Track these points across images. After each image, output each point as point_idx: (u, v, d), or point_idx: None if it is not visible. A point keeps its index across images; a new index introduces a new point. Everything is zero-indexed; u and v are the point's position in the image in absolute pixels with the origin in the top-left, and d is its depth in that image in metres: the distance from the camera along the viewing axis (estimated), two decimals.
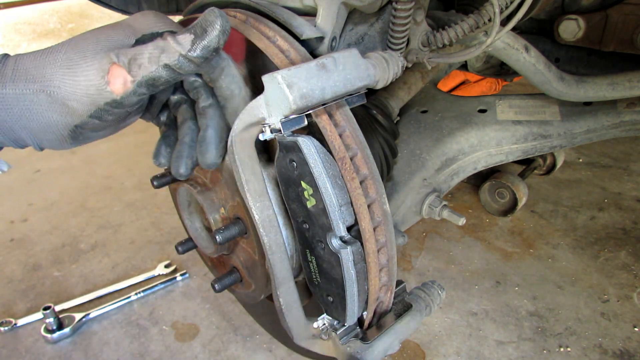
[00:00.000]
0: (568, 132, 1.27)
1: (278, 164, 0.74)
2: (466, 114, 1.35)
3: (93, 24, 3.89)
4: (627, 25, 1.17)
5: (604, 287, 1.59)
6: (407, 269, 1.73)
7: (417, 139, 1.32)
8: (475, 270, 1.70)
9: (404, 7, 0.84)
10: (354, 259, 0.73)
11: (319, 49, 0.87)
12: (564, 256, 1.74)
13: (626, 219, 1.91)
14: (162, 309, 1.61)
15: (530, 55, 1.07)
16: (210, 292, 1.66)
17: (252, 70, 0.85)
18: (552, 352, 1.37)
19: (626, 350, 1.36)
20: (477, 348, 1.40)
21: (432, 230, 1.92)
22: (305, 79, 0.64)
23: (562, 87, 1.12)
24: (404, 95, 1.25)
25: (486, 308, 1.54)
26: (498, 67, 1.66)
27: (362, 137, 0.76)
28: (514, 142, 1.30)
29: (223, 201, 0.96)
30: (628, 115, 1.23)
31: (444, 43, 0.95)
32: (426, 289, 0.92)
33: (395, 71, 0.78)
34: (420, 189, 1.26)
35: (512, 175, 1.80)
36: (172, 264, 1.79)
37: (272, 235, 0.80)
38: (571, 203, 2.04)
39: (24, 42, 3.63)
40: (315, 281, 0.82)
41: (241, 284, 1.06)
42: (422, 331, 1.46)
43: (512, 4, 0.85)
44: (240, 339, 1.47)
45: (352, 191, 0.72)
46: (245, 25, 0.84)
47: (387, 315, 0.86)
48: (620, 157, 2.35)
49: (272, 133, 0.69)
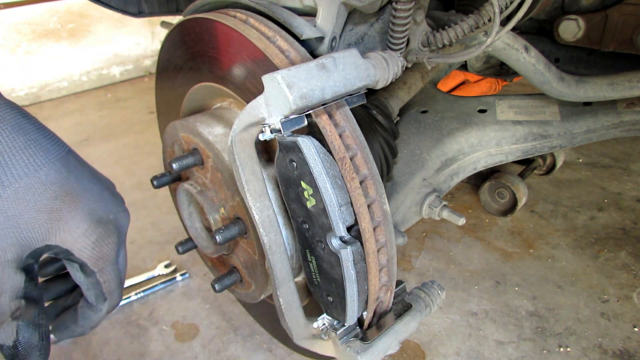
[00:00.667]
0: (568, 132, 1.27)
1: (278, 164, 0.74)
2: (466, 114, 1.35)
3: (93, 23, 3.89)
4: (627, 25, 1.17)
5: (604, 287, 1.59)
6: (407, 269, 1.73)
7: (417, 139, 1.32)
8: (475, 270, 1.70)
9: (404, 7, 0.84)
10: (354, 259, 0.73)
11: (319, 49, 0.87)
12: (564, 256, 1.74)
13: (626, 219, 1.91)
14: (162, 309, 1.61)
15: (530, 55, 1.07)
16: (210, 292, 1.66)
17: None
18: (552, 352, 1.37)
19: (626, 350, 1.36)
20: (477, 348, 1.40)
21: (432, 230, 1.92)
22: (305, 79, 0.64)
23: (562, 87, 1.12)
24: (404, 95, 1.25)
25: (486, 308, 1.54)
26: (498, 67, 1.66)
27: (362, 137, 0.76)
28: (513, 142, 1.30)
29: (223, 201, 0.96)
30: (628, 115, 1.23)
31: (443, 43, 0.95)
32: (426, 289, 0.92)
33: (395, 71, 0.78)
34: (420, 189, 1.26)
35: (512, 175, 1.80)
36: (172, 264, 1.79)
37: (272, 235, 0.80)
38: (571, 203, 2.04)
39: (23, 42, 3.63)
40: (315, 281, 0.82)
41: (241, 284, 1.06)
42: (422, 331, 1.46)
43: (512, 4, 0.85)
44: (240, 339, 1.47)
45: (352, 191, 0.72)
46: (245, 25, 0.84)
47: (387, 315, 0.86)
48: (620, 157, 2.35)
49: (272, 133, 0.69)
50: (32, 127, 0.58)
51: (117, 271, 0.66)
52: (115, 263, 0.65)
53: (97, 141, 2.99)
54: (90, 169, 0.64)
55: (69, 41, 3.84)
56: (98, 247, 0.61)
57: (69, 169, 0.60)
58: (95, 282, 0.64)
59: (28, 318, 0.60)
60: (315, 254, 0.78)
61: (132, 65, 4.20)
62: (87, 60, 3.95)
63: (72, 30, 3.83)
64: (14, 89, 3.68)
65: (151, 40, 4.25)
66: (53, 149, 0.59)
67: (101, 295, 0.65)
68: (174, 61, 1.07)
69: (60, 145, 0.61)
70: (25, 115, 0.59)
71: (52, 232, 0.58)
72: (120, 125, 3.21)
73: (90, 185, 0.62)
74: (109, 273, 0.64)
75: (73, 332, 0.69)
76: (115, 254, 0.64)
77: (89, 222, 0.60)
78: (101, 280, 0.64)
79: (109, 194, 0.64)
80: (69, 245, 0.59)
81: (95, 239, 0.61)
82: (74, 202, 0.59)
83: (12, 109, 0.58)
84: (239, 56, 0.86)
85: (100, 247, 0.62)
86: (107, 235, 0.62)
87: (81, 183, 0.60)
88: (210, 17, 0.90)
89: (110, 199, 0.64)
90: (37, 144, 0.57)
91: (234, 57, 0.88)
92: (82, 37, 3.89)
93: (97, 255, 0.61)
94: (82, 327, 0.68)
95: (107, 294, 0.65)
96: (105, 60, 4.05)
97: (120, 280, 0.67)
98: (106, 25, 3.96)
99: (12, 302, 0.58)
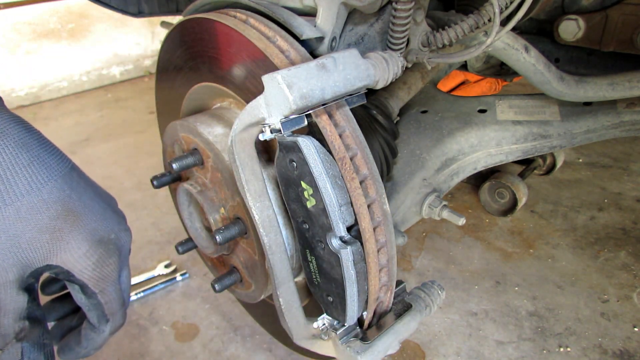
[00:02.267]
0: (568, 132, 1.27)
1: (278, 164, 0.74)
2: (466, 114, 1.35)
3: (93, 23, 3.89)
4: (627, 25, 1.17)
5: (604, 287, 1.59)
6: (407, 269, 1.73)
7: (417, 139, 1.32)
8: (475, 270, 1.70)
9: (404, 7, 0.84)
10: (354, 259, 0.73)
11: (319, 49, 0.87)
12: (564, 256, 1.74)
13: (626, 219, 1.91)
14: (162, 309, 1.61)
15: (530, 55, 1.07)
16: (210, 292, 1.66)
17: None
18: (552, 352, 1.37)
19: (626, 350, 1.36)
20: (477, 348, 1.40)
21: (432, 231, 1.92)
22: (305, 79, 0.64)
23: (562, 87, 1.12)
24: (404, 95, 1.25)
25: (486, 308, 1.54)
26: (498, 67, 1.66)
27: (362, 137, 0.76)
28: (513, 142, 1.30)
29: (223, 201, 0.96)
30: (628, 115, 1.23)
31: (443, 43, 0.95)
32: (426, 289, 0.92)
33: (395, 71, 0.78)
34: (420, 189, 1.26)
35: (512, 175, 1.80)
36: (172, 264, 1.79)
37: (272, 235, 0.80)
38: (571, 203, 2.04)
39: (23, 42, 3.63)
40: (315, 281, 0.82)
41: (241, 284, 1.06)
42: (422, 331, 1.46)
43: (512, 4, 0.85)
44: (240, 339, 1.47)
45: (352, 191, 0.72)
46: (245, 25, 0.84)
47: (387, 315, 0.86)
48: (620, 157, 2.35)
49: (272, 133, 0.69)
50: (35, 143, 0.57)
51: (119, 292, 0.64)
52: (117, 283, 0.64)
53: (97, 141, 2.99)
54: (92, 185, 0.63)
55: (69, 41, 3.84)
56: (99, 268, 0.60)
57: (71, 186, 0.59)
58: (96, 303, 0.62)
59: (33, 339, 0.59)
60: (315, 254, 0.78)
61: (132, 65, 4.20)
62: (87, 60, 3.95)
63: (72, 30, 3.83)
64: (14, 89, 3.68)
65: (151, 40, 4.25)
66: (56, 165, 0.58)
67: (103, 317, 0.64)
68: (174, 61, 1.07)
69: (63, 161, 0.60)
70: (29, 129, 0.58)
71: (54, 252, 0.57)
72: (120, 125, 3.21)
73: (92, 204, 0.61)
74: (110, 294, 0.63)
75: (77, 354, 0.68)
76: (116, 274, 0.63)
77: (90, 242, 0.59)
78: (103, 302, 0.62)
79: (110, 211, 0.63)
80: (69, 266, 0.58)
81: (96, 260, 0.60)
82: (75, 222, 0.58)
83: (17, 124, 0.57)
84: (239, 56, 0.86)
85: (102, 267, 0.61)
86: (109, 256, 0.61)
87: (83, 201, 0.59)
88: (210, 17, 0.90)
89: (112, 217, 0.63)
90: (40, 161, 0.56)
91: (234, 57, 0.88)
92: (82, 37, 3.89)
93: (98, 276, 0.60)
94: (86, 349, 0.67)
95: (110, 315, 0.64)
96: (105, 60, 4.05)
97: (123, 301, 0.66)
98: (106, 25, 3.96)
99: (16, 323, 0.57)
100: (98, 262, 0.60)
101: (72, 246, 0.58)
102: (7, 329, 0.57)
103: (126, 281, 0.66)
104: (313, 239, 0.76)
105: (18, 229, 0.54)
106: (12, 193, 0.54)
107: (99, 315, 0.63)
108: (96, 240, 0.60)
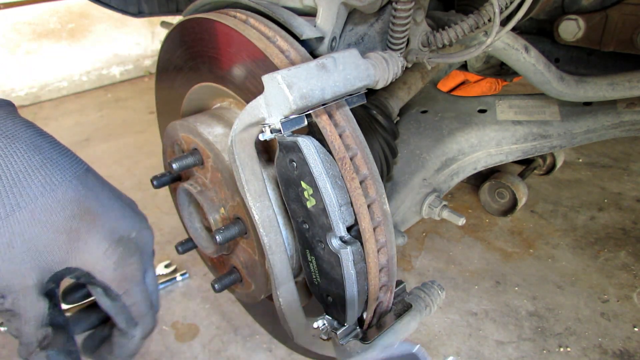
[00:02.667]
0: (568, 132, 1.27)
1: (278, 164, 0.74)
2: (466, 114, 1.35)
3: (93, 23, 3.89)
4: (627, 25, 1.17)
5: (604, 287, 1.59)
6: (407, 269, 1.73)
7: (417, 139, 1.32)
8: (475, 270, 1.70)
9: (404, 7, 0.84)
10: (354, 259, 0.73)
11: (319, 49, 0.87)
12: (564, 256, 1.74)
13: (626, 219, 1.91)
14: (162, 309, 1.61)
15: (530, 55, 1.07)
16: (210, 292, 1.66)
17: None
18: (552, 352, 1.37)
19: (626, 350, 1.36)
20: (477, 348, 1.40)
21: (432, 231, 1.92)
22: (305, 79, 0.64)
23: (562, 87, 1.12)
24: (404, 96, 1.25)
25: (486, 308, 1.54)
26: (498, 67, 1.66)
27: (362, 137, 0.76)
28: (513, 142, 1.30)
29: (223, 201, 0.96)
30: (628, 115, 1.23)
31: (443, 43, 0.95)
32: (426, 289, 0.92)
33: (395, 71, 0.78)
34: (420, 189, 1.26)
35: (512, 175, 1.80)
36: (172, 264, 1.79)
37: (272, 235, 0.80)
38: (571, 203, 2.04)
39: (23, 42, 3.63)
40: (315, 281, 0.82)
41: (241, 284, 1.06)
42: (422, 331, 1.46)
43: (512, 4, 0.85)
44: (240, 339, 1.47)
45: (352, 191, 0.72)
46: (245, 25, 0.84)
47: (387, 315, 0.86)
48: (620, 157, 2.35)
49: (272, 133, 0.69)
50: (48, 145, 0.56)
51: (145, 292, 0.61)
52: (142, 284, 0.61)
53: (97, 141, 2.99)
54: (110, 187, 0.61)
55: (69, 41, 3.84)
56: (121, 268, 0.58)
57: (87, 186, 0.57)
58: (122, 306, 0.59)
59: (58, 346, 0.56)
60: (315, 254, 0.78)
61: (132, 65, 4.20)
62: (87, 60, 3.95)
63: (72, 30, 3.83)
64: (14, 89, 3.68)
65: (151, 40, 4.25)
66: (70, 166, 0.57)
67: (131, 320, 0.61)
68: (174, 61, 1.07)
69: (78, 162, 0.58)
70: (41, 133, 0.57)
71: (72, 253, 0.55)
72: (120, 125, 3.21)
73: (110, 203, 0.59)
74: (135, 295, 0.60)
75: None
76: (140, 275, 0.60)
77: (110, 241, 0.57)
78: (128, 304, 0.60)
79: (130, 211, 0.61)
80: (89, 267, 0.56)
81: (116, 259, 0.57)
82: (93, 221, 0.56)
83: (28, 127, 0.56)
84: (239, 56, 0.86)
85: (123, 267, 0.58)
86: (130, 255, 0.59)
87: (100, 201, 0.58)
88: (210, 17, 0.90)
89: (132, 217, 0.61)
90: (53, 162, 0.55)
91: (234, 57, 0.88)
92: (82, 37, 3.89)
93: (120, 277, 0.58)
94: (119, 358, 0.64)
95: (138, 317, 0.61)
96: (105, 60, 4.05)
97: (150, 303, 0.62)
98: (106, 25, 3.96)
99: (39, 331, 0.55)
100: (119, 262, 0.58)
101: (91, 246, 0.56)
102: (29, 338, 0.55)
103: (152, 282, 0.63)
104: (313, 239, 0.76)
105: (34, 231, 0.52)
106: (26, 196, 0.52)
107: (127, 319, 0.61)
108: (116, 239, 0.58)
